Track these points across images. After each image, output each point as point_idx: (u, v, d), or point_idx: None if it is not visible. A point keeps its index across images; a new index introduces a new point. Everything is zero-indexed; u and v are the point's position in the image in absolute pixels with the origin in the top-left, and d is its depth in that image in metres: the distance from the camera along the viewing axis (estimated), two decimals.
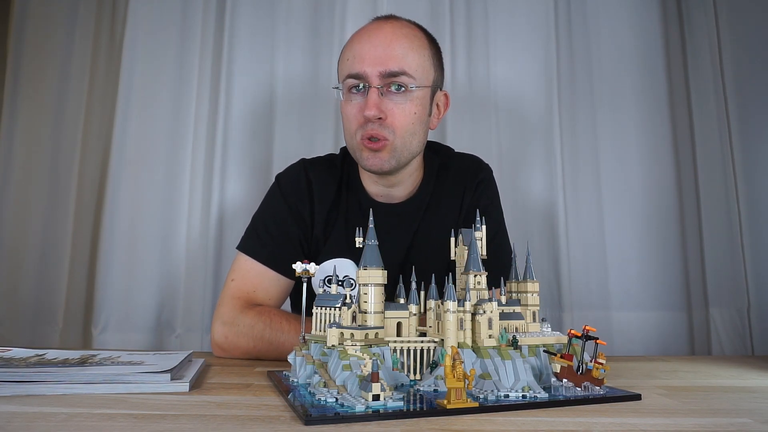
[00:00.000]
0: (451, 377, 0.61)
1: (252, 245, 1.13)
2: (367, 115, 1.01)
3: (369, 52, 1.03)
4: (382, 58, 1.02)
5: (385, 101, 1.03)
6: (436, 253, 0.90)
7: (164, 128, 1.58)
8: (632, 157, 1.66)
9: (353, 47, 1.06)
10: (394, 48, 1.02)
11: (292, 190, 1.16)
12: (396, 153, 1.05)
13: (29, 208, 1.52)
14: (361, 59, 1.03)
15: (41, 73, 1.55)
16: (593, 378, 0.73)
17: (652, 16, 1.70)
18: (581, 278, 1.60)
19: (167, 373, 0.73)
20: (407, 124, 1.05)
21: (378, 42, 1.03)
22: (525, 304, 0.81)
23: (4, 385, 0.69)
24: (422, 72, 1.05)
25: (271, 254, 1.11)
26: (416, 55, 1.05)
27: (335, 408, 0.60)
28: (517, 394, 0.68)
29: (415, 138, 1.07)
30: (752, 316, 1.54)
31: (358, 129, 1.05)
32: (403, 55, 1.03)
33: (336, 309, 0.74)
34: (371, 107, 1.01)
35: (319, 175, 1.17)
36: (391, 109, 1.03)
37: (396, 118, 1.03)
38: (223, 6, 1.61)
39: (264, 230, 1.14)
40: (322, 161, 1.22)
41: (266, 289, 1.11)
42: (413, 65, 1.03)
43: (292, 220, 1.14)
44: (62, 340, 1.47)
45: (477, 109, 1.64)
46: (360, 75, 1.03)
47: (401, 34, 1.05)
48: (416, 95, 1.05)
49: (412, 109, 1.04)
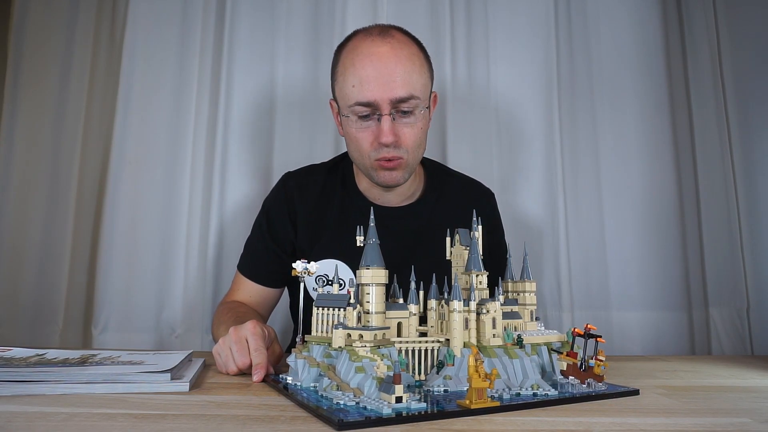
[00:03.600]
0: (477, 377, 0.61)
1: (240, 263, 1.29)
2: (385, 142, 1.05)
3: (376, 79, 1.03)
4: (390, 85, 1.03)
5: (398, 126, 1.07)
6: (435, 260, 0.90)
7: (164, 128, 1.58)
8: (632, 157, 1.66)
9: (356, 72, 1.05)
10: (399, 72, 1.04)
11: (273, 204, 1.27)
12: (408, 167, 1.12)
13: (29, 208, 1.51)
14: (368, 87, 1.04)
15: (41, 73, 1.55)
16: (595, 375, 0.74)
17: (652, 16, 1.70)
18: (581, 278, 1.60)
19: (167, 373, 0.73)
20: (418, 141, 1.11)
21: (382, 66, 1.04)
22: (523, 304, 0.82)
23: (4, 385, 0.69)
24: (425, 90, 1.10)
25: (251, 269, 1.26)
26: (419, 75, 1.08)
27: (359, 411, 0.59)
28: (527, 392, 0.68)
29: (421, 148, 1.14)
30: (752, 316, 1.54)
31: (372, 152, 1.09)
32: (408, 79, 1.05)
33: (337, 309, 0.74)
34: (388, 135, 1.04)
35: (300, 182, 1.25)
36: (404, 132, 1.07)
37: (408, 139, 1.08)
38: (223, 6, 1.61)
39: (248, 247, 1.29)
40: (304, 170, 1.30)
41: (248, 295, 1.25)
42: (418, 87, 1.07)
43: (268, 236, 1.24)
44: (62, 340, 1.46)
45: (477, 110, 1.64)
46: (371, 103, 1.04)
47: (403, 57, 1.06)
48: (422, 112, 1.09)
49: (420, 125, 1.10)
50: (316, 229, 1.21)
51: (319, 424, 0.58)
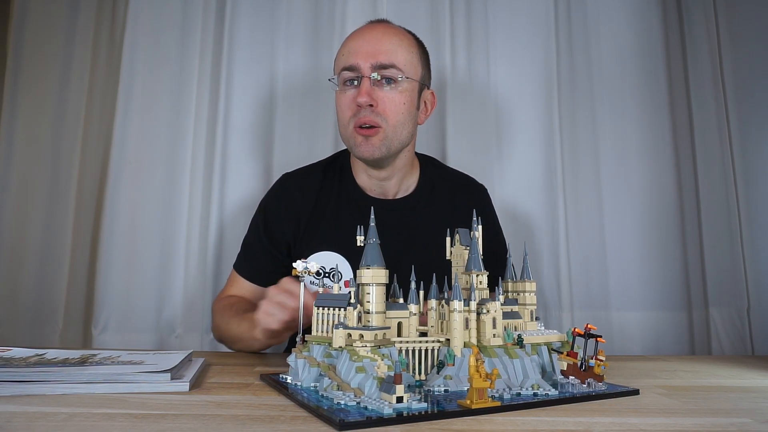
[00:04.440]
0: (478, 377, 0.61)
1: (237, 262, 1.30)
2: (360, 102, 1.10)
3: (362, 47, 1.13)
4: (373, 52, 1.12)
5: (376, 90, 1.12)
6: (430, 253, 0.92)
7: (164, 128, 1.58)
8: (632, 157, 1.66)
9: (348, 44, 1.17)
10: (385, 43, 1.13)
11: (271, 204, 1.28)
12: (387, 141, 1.13)
13: (29, 208, 1.51)
14: (355, 53, 1.13)
15: (41, 73, 1.55)
16: (595, 375, 0.74)
17: (652, 16, 1.70)
18: (581, 278, 1.60)
19: (167, 373, 0.73)
20: (397, 113, 1.13)
21: (370, 38, 1.15)
22: (523, 304, 0.82)
23: (4, 385, 0.69)
24: (410, 66, 1.15)
25: (248, 268, 1.27)
26: (405, 51, 1.15)
27: (360, 411, 0.59)
28: (528, 392, 0.68)
29: (404, 129, 1.16)
30: (752, 316, 1.54)
31: (351, 117, 1.13)
32: (392, 50, 1.13)
33: (338, 309, 0.74)
34: (363, 94, 1.10)
35: (300, 184, 1.27)
36: (382, 98, 1.12)
37: (386, 106, 1.12)
38: (223, 6, 1.61)
39: (245, 247, 1.30)
40: (301, 171, 1.32)
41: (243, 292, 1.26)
42: (402, 59, 1.13)
43: (264, 234, 1.25)
44: (62, 340, 1.47)
45: (477, 109, 1.64)
46: (353, 67, 1.12)
47: (391, 33, 1.17)
48: (405, 87, 1.14)
49: (401, 99, 1.13)
50: (318, 224, 1.23)
51: (319, 424, 0.57)
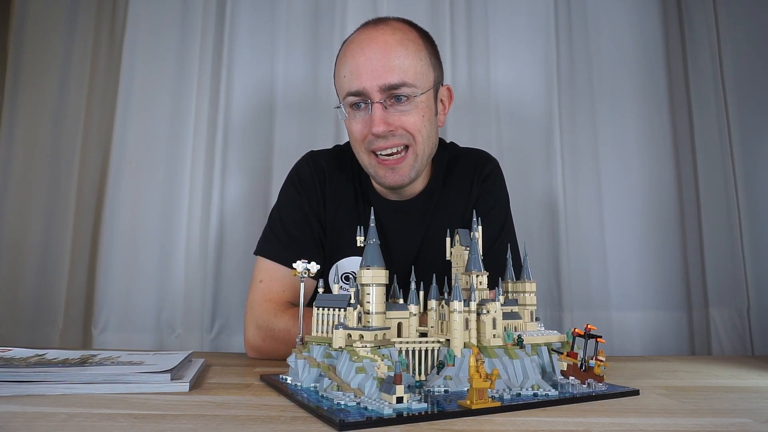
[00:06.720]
0: (478, 378, 0.61)
1: (273, 249, 1.11)
2: (376, 132, 1.00)
3: (365, 66, 1.00)
4: (379, 71, 0.99)
5: (391, 114, 1.01)
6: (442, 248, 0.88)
7: (164, 128, 1.58)
8: (632, 157, 1.66)
9: (347, 62, 1.03)
10: (391, 59, 0.99)
11: (308, 185, 1.15)
12: (417, 161, 1.05)
13: (29, 208, 1.51)
14: (358, 75, 1.00)
15: (41, 73, 1.55)
16: (595, 375, 0.74)
17: (652, 16, 1.70)
18: (581, 278, 1.60)
19: (167, 373, 0.73)
20: (420, 130, 1.03)
21: (372, 54, 1.00)
22: (523, 304, 0.82)
23: (4, 385, 0.69)
24: (422, 77, 1.03)
25: (295, 257, 1.02)
26: (413, 61, 1.01)
27: (360, 412, 0.59)
28: (528, 393, 0.68)
29: (430, 140, 1.07)
30: (752, 316, 1.54)
31: (366, 144, 1.04)
32: (400, 65, 1.00)
33: (338, 310, 0.74)
34: (378, 123, 0.99)
35: (330, 166, 1.17)
36: (399, 119, 1.01)
37: (409, 125, 1.02)
38: (223, 6, 1.61)
39: (283, 231, 1.13)
40: (331, 153, 1.21)
41: (295, 289, 1.08)
42: (412, 73, 1.01)
43: (311, 215, 1.13)
44: (62, 340, 1.47)
45: (477, 110, 1.64)
46: (360, 92, 1.00)
47: (395, 42, 1.01)
48: (420, 99, 1.03)
49: (419, 114, 1.03)
50: (340, 220, 1.15)
51: (319, 424, 0.57)
